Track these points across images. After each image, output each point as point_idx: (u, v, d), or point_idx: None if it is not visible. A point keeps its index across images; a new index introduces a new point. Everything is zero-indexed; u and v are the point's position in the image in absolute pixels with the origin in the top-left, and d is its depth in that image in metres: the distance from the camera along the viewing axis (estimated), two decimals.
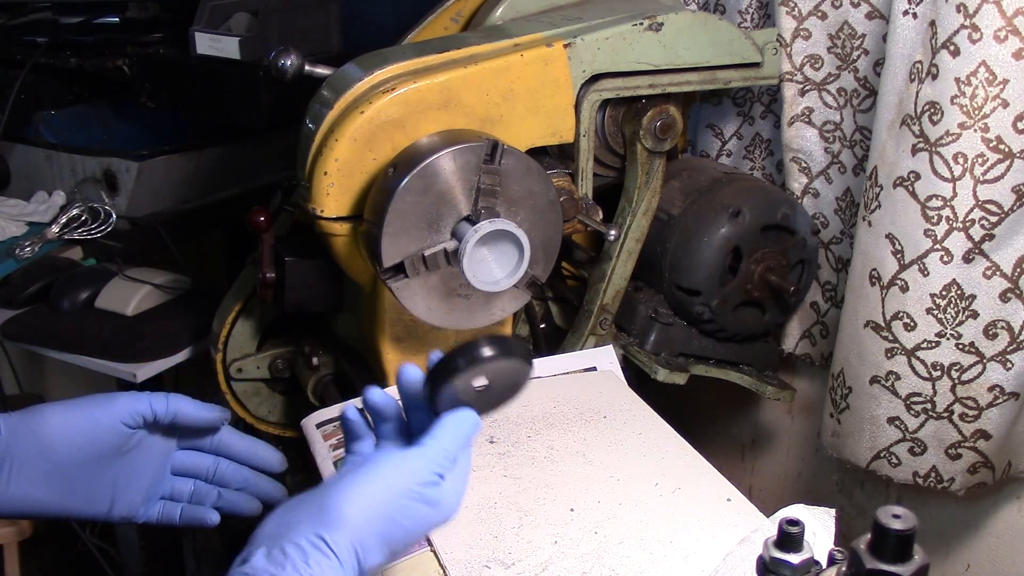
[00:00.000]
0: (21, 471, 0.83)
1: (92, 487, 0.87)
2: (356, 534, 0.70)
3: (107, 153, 1.80)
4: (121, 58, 1.77)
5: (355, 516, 0.71)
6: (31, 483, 0.84)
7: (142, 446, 0.88)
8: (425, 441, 0.75)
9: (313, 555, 0.68)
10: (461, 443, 0.77)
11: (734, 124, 1.49)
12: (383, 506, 0.72)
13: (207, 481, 0.93)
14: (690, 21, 1.20)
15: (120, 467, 0.87)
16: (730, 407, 1.72)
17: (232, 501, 0.92)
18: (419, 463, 0.74)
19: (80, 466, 0.85)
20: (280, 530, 0.71)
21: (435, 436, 0.76)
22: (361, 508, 0.71)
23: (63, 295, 1.60)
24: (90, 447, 0.85)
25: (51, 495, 0.85)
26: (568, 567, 0.87)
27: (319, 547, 0.69)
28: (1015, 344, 1.12)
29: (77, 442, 0.84)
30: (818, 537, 0.78)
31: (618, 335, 1.32)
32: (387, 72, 1.10)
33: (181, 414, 0.87)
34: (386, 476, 0.73)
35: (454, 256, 1.01)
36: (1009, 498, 1.31)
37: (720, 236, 1.26)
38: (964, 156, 1.06)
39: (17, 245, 1.70)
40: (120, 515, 0.89)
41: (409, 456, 0.75)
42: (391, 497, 0.73)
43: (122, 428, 0.85)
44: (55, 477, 0.84)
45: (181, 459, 0.91)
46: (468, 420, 0.77)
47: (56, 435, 0.83)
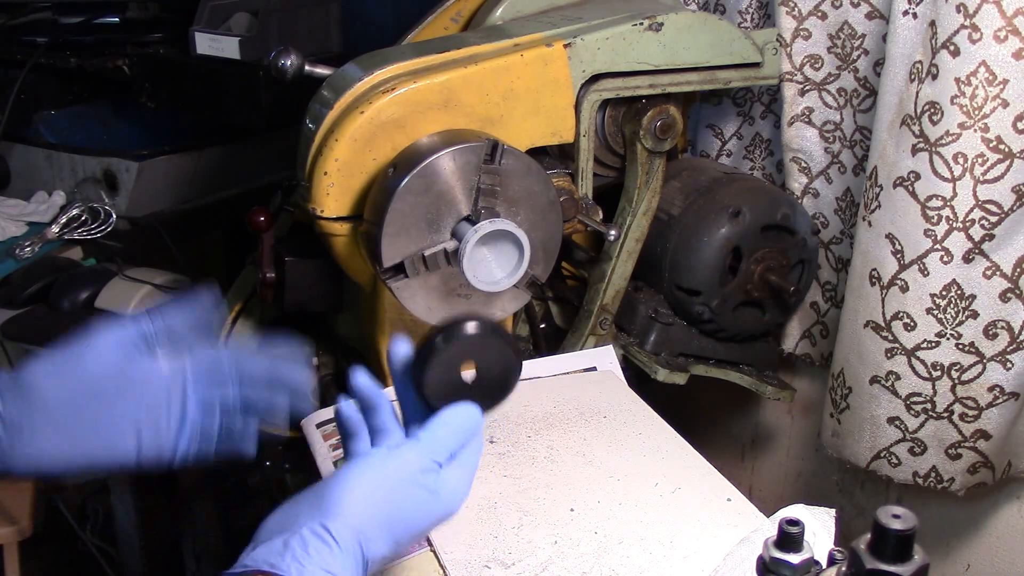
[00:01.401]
0: (28, 430, 0.80)
1: (107, 431, 0.82)
2: (356, 523, 0.71)
3: (107, 153, 1.80)
4: (121, 58, 1.77)
5: (354, 505, 0.71)
6: (43, 439, 0.80)
7: (152, 378, 0.83)
8: (419, 434, 0.76)
9: (313, 543, 0.68)
10: (458, 435, 0.77)
11: (734, 124, 1.49)
12: (382, 494, 0.73)
13: (233, 412, 0.87)
14: (690, 21, 1.20)
15: (132, 404, 0.83)
16: (730, 407, 1.72)
17: (262, 426, 0.88)
18: (414, 453, 0.75)
19: (82, 412, 0.81)
20: (282, 523, 0.71)
21: (430, 428, 0.76)
22: (360, 497, 0.72)
23: (63, 295, 1.59)
24: (83, 387, 0.81)
25: (67, 447, 0.81)
26: (568, 567, 0.87)
27: (320, 535, 0.69)
28: (1015, 344, 1.12)
29: (68, 385, 0.80)
30: (818, 537, 0.78)
31: (618, 335, 1.32)
32: (387, 72, 1.10)
33: (169, 321, 0.83)
34: (383, 466, 0.74)
35: (454, 256, 1.01)
36: (1009, 498, 1.31)
37: (720, 236, 1.26)
38: (964, 156, 1.06)
39: (17, 245, 1.70)
40: (149, 458, 0.84)
41: (405, 447, 0.75)
42: (389, 485, 0.73)
43: (113, 361, 0.82)
44: (63, 428, 0.81)
45: (203, 395, 0.86)
46: (463, 413, 0.77)
47: (46, 388, 0.80)
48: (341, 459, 1.06)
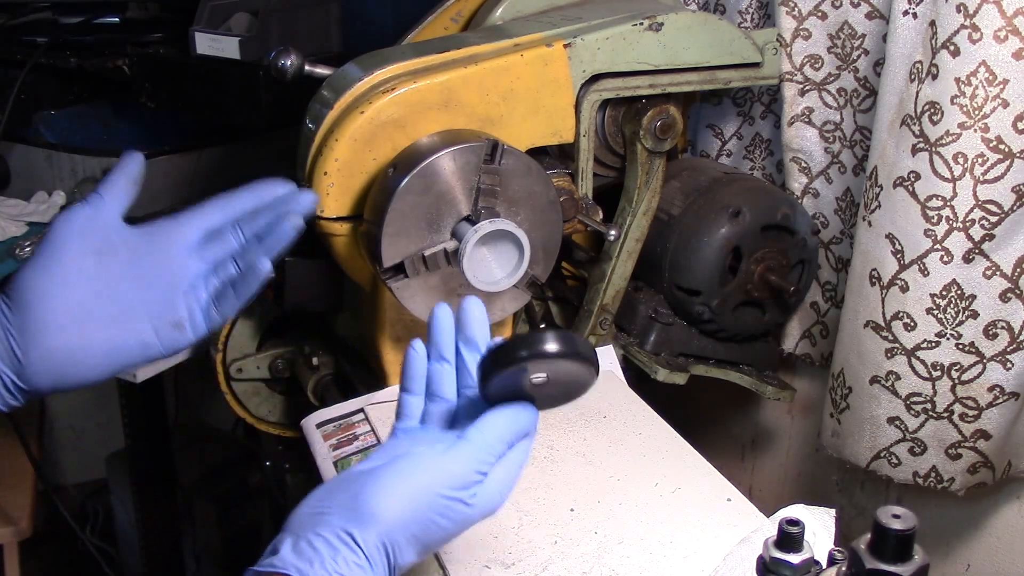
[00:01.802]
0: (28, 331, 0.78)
1: (111, 311, 0.80)
2: (388, 533, 0.68)
3: (107, 153, 1.80)
4: (121, 58, 1.77)
5: (388, 515, 0.68)
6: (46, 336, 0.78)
7: (132, 243, 0.82)
8: (470, 434, 0.72)
9: (342, 552, 0.67)
10: (510, 440, 0.73)
11: (734, 124, 1.49)
12: (419, 506, 0.70)
13: (242, 250, 0.85)
14: (690, 21, 1.20)
15: (122, 275, 0.81)
16: (730, 407, 1.72)
17: (273, 240, 0.84)
18: (460, 462, 0.71)
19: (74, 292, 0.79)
20: (312, 518, 0.69)
21: (482, 430, 0.72)
22: (395, 507, 0.69)
23: None
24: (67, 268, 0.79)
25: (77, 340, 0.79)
26: (568, 567, 0.87)
27: (348, 544, 0.67)
28: (1015, 344, 1.12)
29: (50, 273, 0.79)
30: (818, 537, 0.78)
31: (618, 335, 1.32)
32: (387, 72, 1.10)
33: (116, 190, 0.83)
34: (424, 475, 0.70)
35: (454, 256, 1.01)
36: (1009, 498, 1.31)
37: (720, 236, 1.26)
38: (964, 156, 1.06)
39: (17, 245, 1.70)
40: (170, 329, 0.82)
41: (451, 454, 0.71)
42: (428, 499, 0.70)
43: (77, 235, 0.80)
44: (62, 316, 0.79)
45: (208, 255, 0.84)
46: (522, 416, 0.73)
47: (28, 279, 0.79)
48: (341, 459, 1.06)
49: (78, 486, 2.55)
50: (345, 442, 1.08)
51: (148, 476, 1.89)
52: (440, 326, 0.76)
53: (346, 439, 1.09)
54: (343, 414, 1.13)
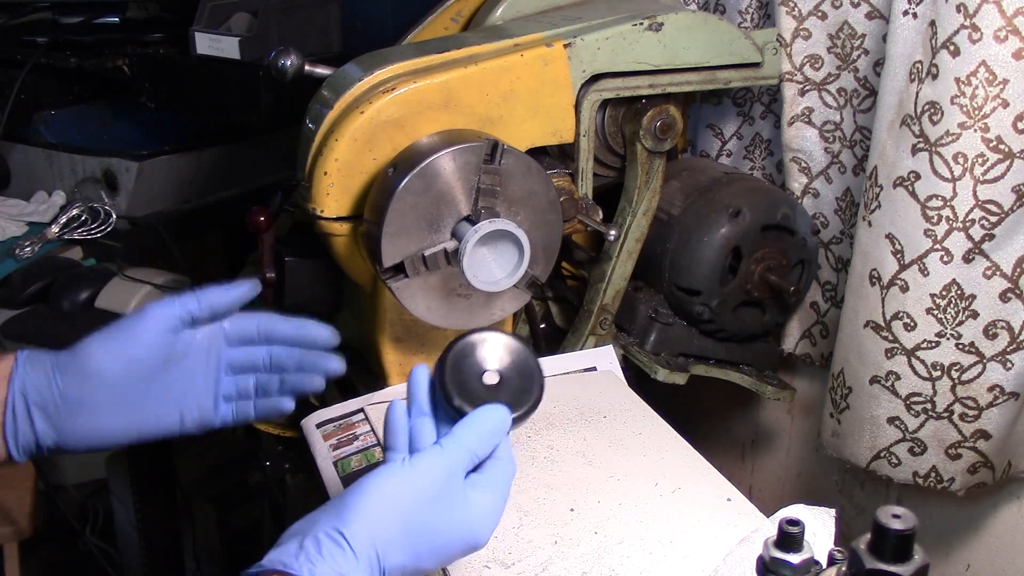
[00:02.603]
0: (81, 408, 0.84)
1: (155, 404, 0.87)
2: (374, 530, 0.70)
3: (107, 153, 1.80)
4: (121, 58, 1.77)
5: (371, 512, 0.71)
6: (95, 417, 0.84)
7: (191, 350, 0.88)
8: (442, 441, 0.75)
9: (327, 546, 0.69)
10: (483, 436, 0.76)
11: (734, 124, 1.49)
12: (401, 502, 0.72)
13: (266, 371, 0.91)
14: (690, 21, 1.20)
15: (175, 377, 0.87)
16: (730, 407, 1.72)
17: (296, 383, 0.91)
18: (437, 460, 0.74)
19: (135, 386, 0.85)
20: (302, 527, 0.72)
21: (453, 434, 0.75)
22: (378, 504, 0.71)
23: (63, 295, 1.59)
24: (139, 365, 0.85)
25: (118, 423, 0.85)
26: (568, 567, 0.87)
27: (334, 539, 0.69)
28: (1015, 344, 1.12)
29: (125, 364, 0.84)
30: (818, 537, 0.78)
31: (618, 335, 1.32)
32: (387, 72, 1.10)
33: (213, 303, 0.87)
34: (405, 475, 0.74)
35: (454, 256, 1.01)
36: (1009, 498, 1.31)
37: (720, 236, 1.26)
38: (964, 156, 1.06)
39: (17, 245, 1.70)
40: (193, 423, 0.89)
41: (428, 454, 0.75)
42: (410, 494, 0.73)
43: (162, 338, 0.86)
44: (115, 405, 0.85)
45: (235, 356, 0.90)
46: (491, 414, 0.77)
47: (104, 363, 0.84)
48: (341, 459, 1.06)
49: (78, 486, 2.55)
50: (345, 442, 1.08)
51: (148, 476, 1.89)
52: (418, 383, 0.81)
53: (346, 439, 1.09)
54: (343, 414, 1.13)
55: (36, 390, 0.84)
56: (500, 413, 0.77)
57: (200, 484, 2.03)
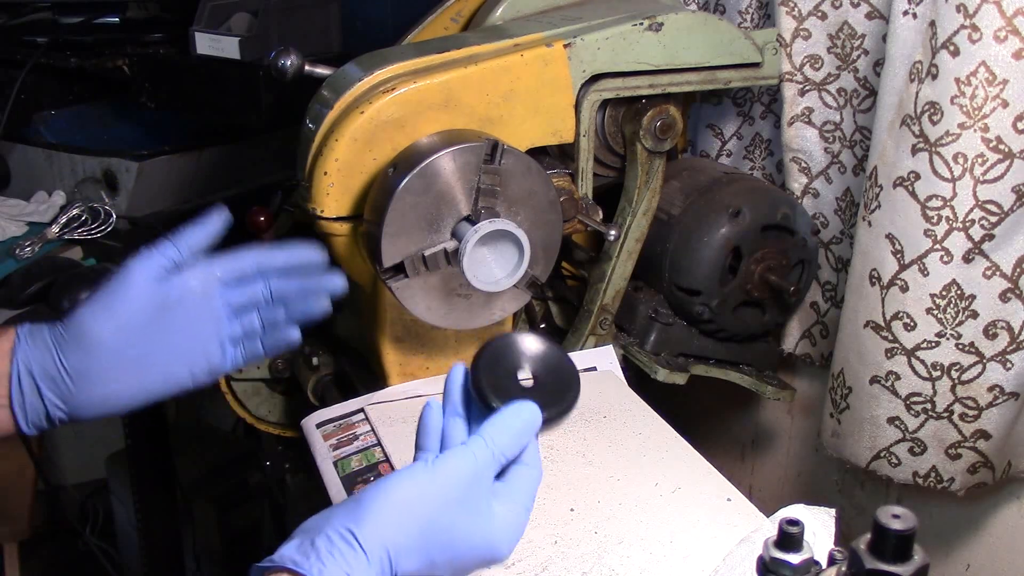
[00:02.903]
0: (87, 376, 0.83)
1: (160, 360, 0.85)
2: (386, 533, 0.68)
3: (107, 153, 1.80)
4: (121, 58, 1.77)
5: (386, 514, 0.69)
6: (101, 383, 0.83)
7: (185, 298, 0.86)
8: (470, 439, 0.72)
9: (339, 546, 0.67)
10: (514, 437, 0.73)
11: (734, 124, 1.49)
12: (418, 506, 0.70)
13: (267, 305, 0.89)
14: (690, 21, 1.20)
15: (176, 329, 0.85)
16: (730, 407, 1.72)
17: (301, 310, 0.90)
18: (461, 463, 0.71)
19: (135, 347, 0.83)
20: (316, 524, 0.70)
21: (481, 432, 0.72)
22: (394, 507, 0.69)
23: (63, 295, 1.59)
24: (134, 322, 0.83)
25: (127, 386, 0.84)
26: (568, 567, 0.87)
27: (346, 539, 0.67)
28: (1015, 344, 1.12)
29: (120, 324, 0.83)
30: (818, 537, 0.78)
31: (618, 335, 1.32)
32: (387, 72, 1.10)
33: (191, 243, 0.86)
34: (425, 478, 0.71)
35: (454, 256, 1.01)
36: (1009, 498, 1.31)
37: (720, 236, 1.26)
38: (964, 156, 1.06)
39: (17, 245, 1.70)
40: (204, 373, 0.87)
41: (450, 456, 0.72)
42: (428, 498, 0.70)
43: (151, 290, 0.84)
44: (120, 368, 0.83)
45: (235, 297, 0.88)
46: (520, 411, 0.73)
47: (98, 328, 0.82)
48: (341, 459, 1.06)
49: (78, 486, 2.55)
50: (345, 442, 1.08)
51: (148, 476, 1.89)
52: (454, 381, 0.78)
53: (346, 439, 1.09)
54: (343, 414, 1.13)
55: (40, 363, 0.82)
56: (530, 410, 0.74)
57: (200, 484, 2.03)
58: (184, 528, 2.01)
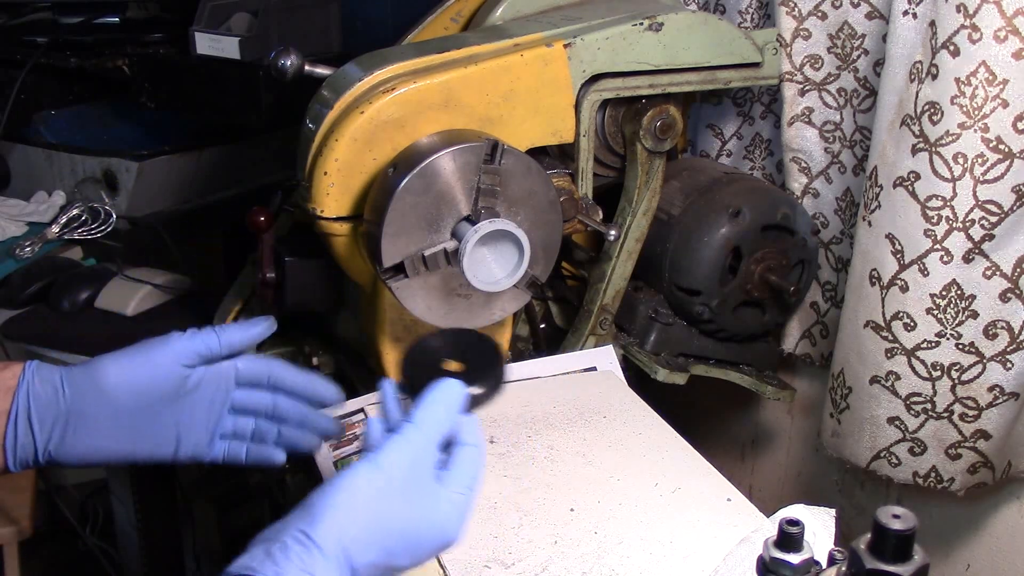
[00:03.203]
0: (87, 424, 0.84)
1: (157, 430, 0.87)
2: (340, 529, 0.70)
3: (107, 153, 1.80)
4: (121, 58, 1.77)
5: (336, 512, 0.71)
6: (97, 435, 0.85)
7: (201, 385, 0.88)
8: (401, 428, 0.75)
9: (294, 548, 0.68)
10: (442, 414, 0.76)
11: (734, 124, 1.49)
12: (364, 498, 0.72)
13: (267, 418, 0.92)
14: (690, 21, 1.20)
15: (182, 408, 0.88)
16: (730, 407, 1.72)
17: (292, 438, 0.92)
18: (399, 452, 0.74)
19: (143, 411, 0.85)
20: (269, 535, 0.71)
21: (410, 417, 0.75)
22: (342, 504, 0.71)
23: (63, 295, 1.60)
24: (152, 391, 0.85)
25: (118, 444, 0.86)
26: (568, 567, 0.87)
27: (301, 541, 0.69)
28: (1015, 344, 1.12)
29: (139, 388, 0.84)
30: (818, 537, 0.78)
31: (618, 335, 1.32)
32: (387, 72, 1.10)
33: (232, 342, 0.88)
34: (367, 471, 0.73)
35: (454, 256, 1.01)
36: (1009, 498, 1.31)
37: (720, 236, 1.26)
38: (964, 156, 1.06)
39: (17, 245, 1.70)
40: (187, 455, 0.90)
41: (387, 447, 0.74)
42: (373, 490, 0.72)
43: (180, 370, 0.86)
44: (120, 426, 0.85)
45: (240, 397, 0.91)
46: (442, 389, 0.76)
47: (118, 384, 0.84)
48: (341, 460, 1.06)
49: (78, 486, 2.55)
50: (345, 442, 1.08)
51: (148, 476, 1.89)
52: (387, 395, 0.83)
53: (346, 439, 1.09)
54: (343, 414, 1.13)
55: (42, 404, 0.83)
56: (450, 385, 0.77)
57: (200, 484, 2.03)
58: (184, 528, 2.01)
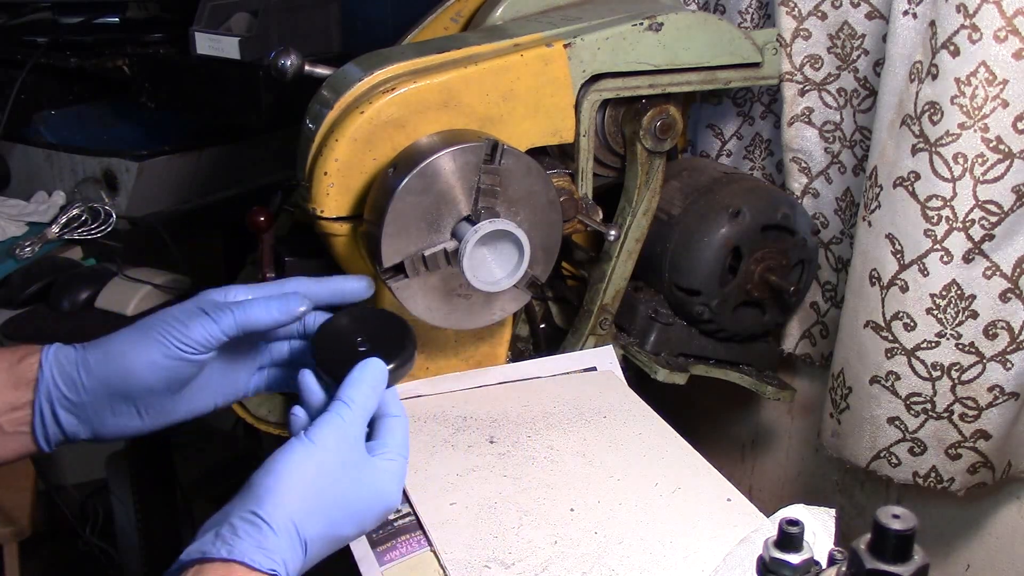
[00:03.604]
0: (113, 409, 0.85)
1: (191, 396, 0.88)
2: (287, 504, 0.72)
3: (107, 153, 1.80)
4: (121, 58, 1.77)
5: (281, 488, 0.73)
6: (126, 416, 0.85)
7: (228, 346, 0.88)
8: (330, 406, 0.79)
9: (243, 528, 0.70)
10: (367, 391, 0.80)
11: (734, 124, 1.49)
12: (307, 474, 0.74)
13: (300, 338, 0.93)
14: (690, 21, 1.20)
15: (212, 369, 0.89)
16: (730, 407, 1.72)
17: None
18: (331, 428, 0.77)
19: (172, 386, 0.86)
20: (216, 519, 0.73)
21: (338, 396, 0.80)
22: (286, 479, 0.74)
23: (63, 295, 1.59)
24: (178, 369, 0.85)
25: (152, 419, 0.87)
26: (568, 567, 0.87)
27: (249, 520, 0.71)
28: (1015, 344, 1.12)
29: (163, 375, 0.84)
30: (818, 537, 0.78)
31: (618, 335, 1.32)
32: (387, 72, 1.10)
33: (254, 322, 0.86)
34: (302, 447, 0.76)
35: (454, 256, 1.01)
36: (1009, 498, 1.31)
37: (720, 236, 1.26)
38: (964, 156, 1.06)
39: (17, 245, 1.70)
40: (227, 403, 0.92)
41: (319, 424, 0.77)
42: (314, 465, 0.75)
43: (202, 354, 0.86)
44: (150, 404, 0.86)
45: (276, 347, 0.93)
46: (366, 367, 0.82)
47: (142, 369, 0.83)
48: None
49: (78, 486, 2.55)
50: None
51: (148, 476, 1.89)
52: (306, 385, 0.86)
53: None
54: None
55: (64, 400, 0.84)
56: (374, 363, 0.82)
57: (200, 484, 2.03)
58: (184, 528, 2.01)
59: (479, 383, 1.17)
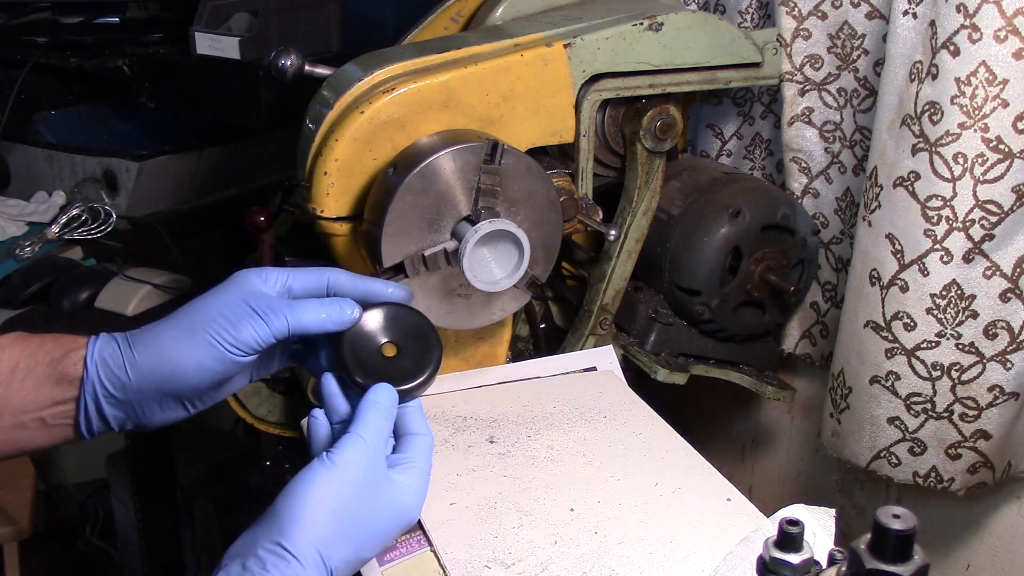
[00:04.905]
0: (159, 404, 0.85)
1: (234, 382, 0.89)
2: (311, 534, 0.72)
3: (107, 153, 1.80)
4: (121, 58, 1.77)
5: (306, 516, 0.72)
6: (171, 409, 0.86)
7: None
8: (353, 428, 0.78)
9: (270, 561, 0.70)
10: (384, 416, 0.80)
11: (734, 124, 1.49)
12: (332, 502, 0.74)
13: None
14: (690, 21, 1.20)
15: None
16: (730, 407, 1.72)
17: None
18: (355, 452, 0.77)
19: (218, 386, 0.86)
20: (242, 548, 0.73)
21: (362, 419, 0.79)
22: (310, 507, 0.73)
23: (63, 295, 1.59)
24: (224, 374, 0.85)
25: (196, 408, 0.88)
26: (568, 567, 0.87)
27: (276, 552, 0.70)
28: (1015, 344, 1.12)
29: (210, 376, 0.84)
30: (818, 537, 0.78)
31: (618, 335, 1.32)
32: (387, 72, 1.10)
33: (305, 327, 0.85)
34: (326, 472, 0.75)
35: (454, 256, 1.01)
36: (1009, 498, 1.31)
37: (720, 236, 1.26)
38: (964, 156, 1.06)
39: (17, 245, 1.70)
40: (263, 376, 0.94)
41: (344, 449, 0.77)
42: (339, 492, 0.74)
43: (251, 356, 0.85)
44: (196, 399, 0.86)
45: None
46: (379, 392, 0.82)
47: (190, 374, 0.83)
48: None
49: (78, 486, 2.55)
50: None
51: (148, 476, 1.89)
52: (329, 390, 0.86)
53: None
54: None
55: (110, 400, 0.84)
56: (385, 391, 0.82)
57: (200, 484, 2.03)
58: (184, 528, 2.01)
59: (479, 383, 1.17)
